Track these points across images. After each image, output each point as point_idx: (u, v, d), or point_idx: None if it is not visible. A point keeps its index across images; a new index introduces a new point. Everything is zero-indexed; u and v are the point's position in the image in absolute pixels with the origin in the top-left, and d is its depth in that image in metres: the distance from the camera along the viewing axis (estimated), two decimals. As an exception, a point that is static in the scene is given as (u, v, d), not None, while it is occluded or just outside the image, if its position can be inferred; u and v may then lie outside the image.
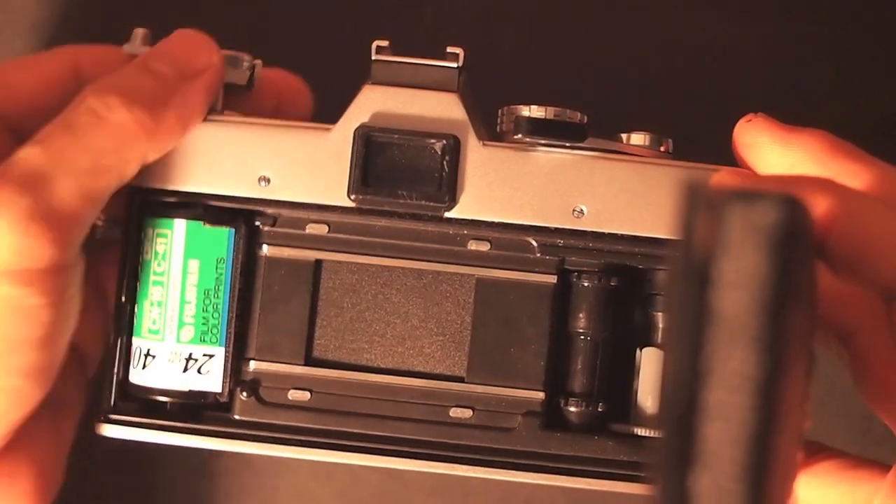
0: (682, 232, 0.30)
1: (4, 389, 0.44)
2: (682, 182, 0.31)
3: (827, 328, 0.43)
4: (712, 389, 0.29)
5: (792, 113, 0.56)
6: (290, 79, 0.51)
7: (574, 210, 0.46)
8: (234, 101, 0.48)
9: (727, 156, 0.50)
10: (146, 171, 0.46)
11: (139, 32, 0.48)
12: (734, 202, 0.29)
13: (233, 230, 0.46)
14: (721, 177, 0.45)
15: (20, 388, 0.44)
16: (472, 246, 0.46)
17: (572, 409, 0.46)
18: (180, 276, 0.46)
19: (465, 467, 0.46)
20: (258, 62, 0.47)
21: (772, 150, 0.45)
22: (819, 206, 0.38)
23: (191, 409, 0.47)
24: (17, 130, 0.47)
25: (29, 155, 0.43)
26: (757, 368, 0.29)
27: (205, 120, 0.46)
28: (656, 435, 0.30)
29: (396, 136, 0.45)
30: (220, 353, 0.46)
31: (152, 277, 0.46)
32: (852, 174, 0.43)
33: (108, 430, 0.46)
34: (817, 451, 0.44)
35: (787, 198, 0.30)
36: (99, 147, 0.44)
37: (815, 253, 0.37)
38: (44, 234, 0.43)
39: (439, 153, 0.45)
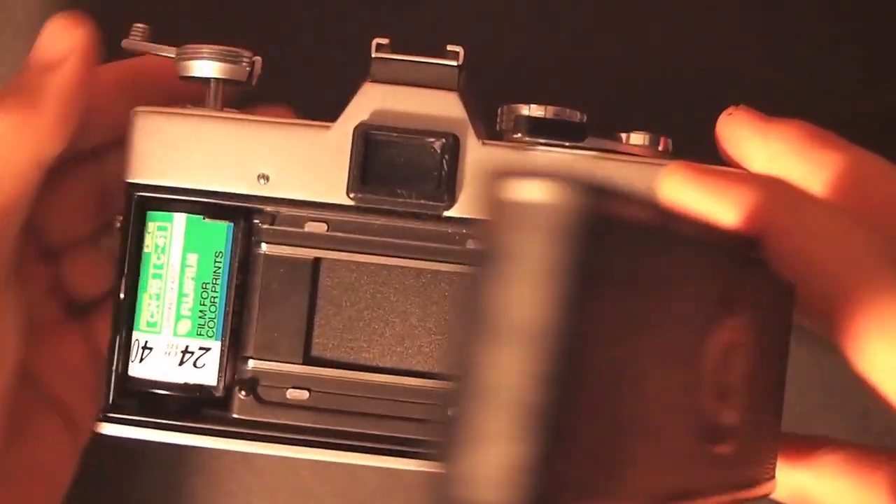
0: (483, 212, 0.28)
1: None
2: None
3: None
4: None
5: (792, 113, 0.56)
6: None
7: (573, 209, 0.46)
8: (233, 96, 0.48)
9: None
10: (145, 166, 0.46)
11: (139, 28, 0.48)
12: (506, 183, 0.28)
13: (232, 225, 0.46)
14: (670, 169, 0.41)
15: None
16: (472, 245, 0.46)
17: None
18: (179, 269, 0.46)
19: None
20: (258, 59, 0.47)
21: (752, 143, 0.44)
22: (758, 205, 0.37)
23: (189, 406, 0.46)
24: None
25: None
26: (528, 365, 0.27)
27: (204, 116, 0.46)
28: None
29: (396, 134, 0.45)
30: (216, 346, 0.46)
31: (152, 270, 0.46)
32: (831, 163, 0.42)
33: (107, 429, 0.46)
34: (823, 445, 0.44)
35: (558, 182, 0.27)
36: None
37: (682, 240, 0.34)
38: (44, 125, 0.45)
39: (438, 152, 0.45)
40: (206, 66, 0.47)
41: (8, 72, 0.58)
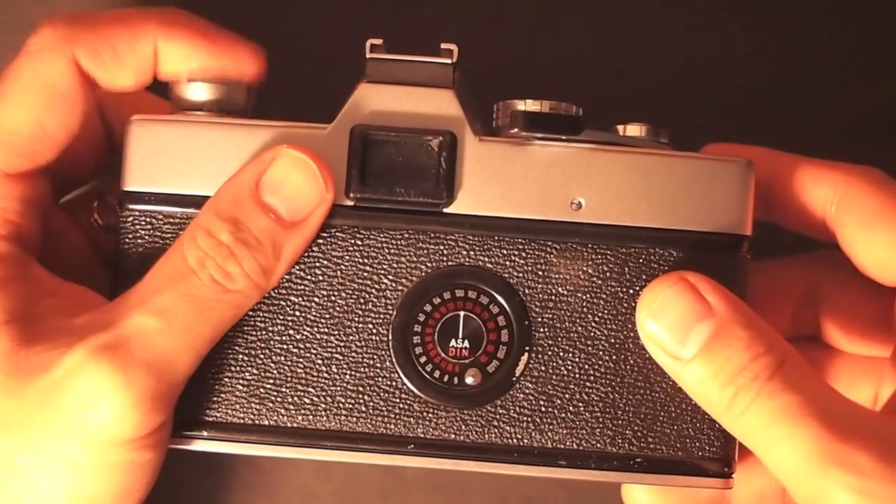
0: None
1: None
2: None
3: None
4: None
5: (792, 113, 0.56)
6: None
7: (572, 203, 0.46)
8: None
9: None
10: (142, 175, 0.46)
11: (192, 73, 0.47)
12: None
13: None
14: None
15: None
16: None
17: None
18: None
19: (468, 463, 0.46)
20: (254, 86, 0.47)
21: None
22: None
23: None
24: (51, 172, 0.47)
25: (150, 330, 0.43)
26: None
27: (201, 122, 0.46)
28: None
29: (393, 133, 0.45)
30: None
31: None
32: None
33: None
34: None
35: None
36: (220, 319, 0.44)
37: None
38: (160, 408, 0.43)
39: (436, 150, 0.45)
40: (202, 95, 0.47)
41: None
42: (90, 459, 0.43)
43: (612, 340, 0.46)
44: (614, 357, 0.46)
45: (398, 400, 0.46)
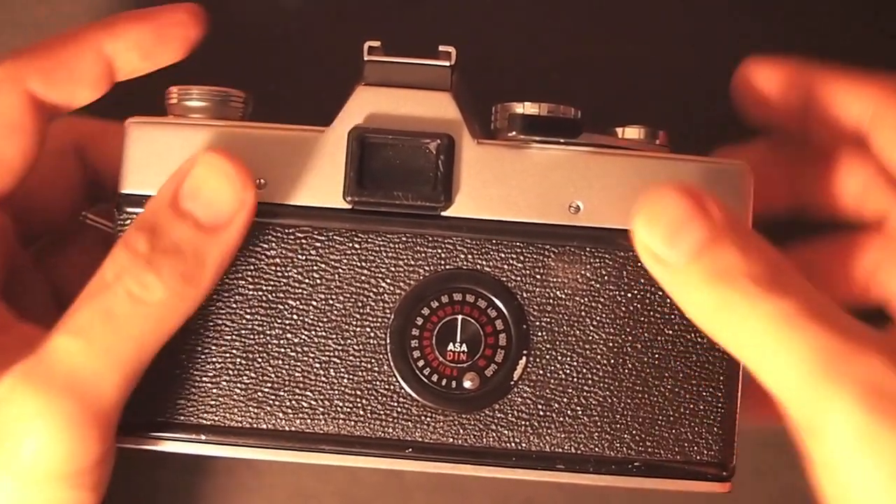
0: None
1: None
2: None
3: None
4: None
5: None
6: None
7: (570, 206, 0.46)
8: None
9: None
10: (140, 177, 0.46)
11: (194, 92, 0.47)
12: None
13: None
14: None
15: None
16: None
17: None
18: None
19: (466, 467, 0.46)
20: (248, 97, 0.47)
21: None
22: None
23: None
24: (12, 206, 0.47)
25: (69, 350, 0.41)
26: None
27: (198, 125, 0.46)
28: None
29: (391, 136, 0.45)
30: None
31: None
32: None
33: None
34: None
35: None
36: (141, 333, 0.42)
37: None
38: (92, 435, 0.42)
39: (434, 153, 0.45)
40: (198, 105, 0.47)
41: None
42: (27, 497, 0.41)
43: (610, 344, 0.46)
44: (612, 361, 0.46)
45: (396, 404, 0.46)
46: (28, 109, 0.45)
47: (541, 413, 0.46)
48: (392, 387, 0.46)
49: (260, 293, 0.46)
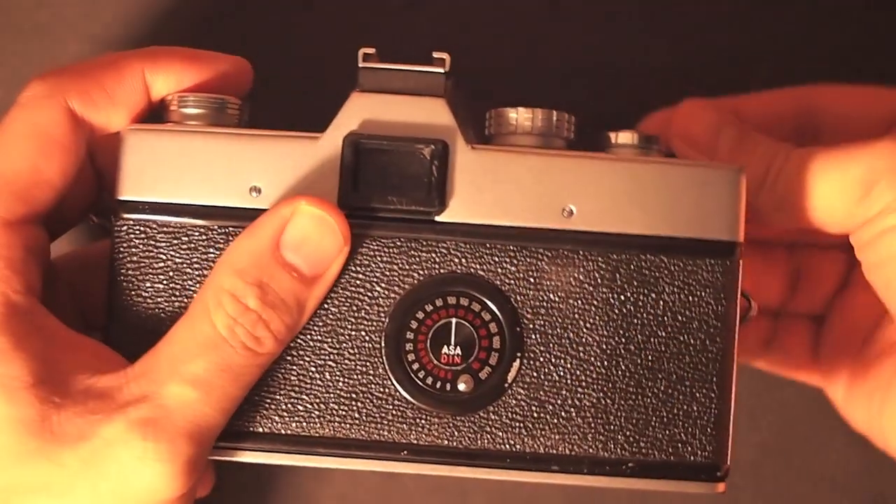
0: None
1: None
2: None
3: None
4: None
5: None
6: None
7: (564, 210, 0.46)
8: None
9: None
10: (136, 183, 0.46)
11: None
12: None
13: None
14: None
15: None
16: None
17: None
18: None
19: (461, 469, 0.46)
20: (244, 104, 0.48)
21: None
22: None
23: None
24: (48, 221, 0.47)
25: (188, 400, 0.43)
26: None
27: (194, 131, 0.46)
28: None
29: (385, 142, 0.46)
30: None
31: None
32: None
33: None
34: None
35: None
36: (252, 380, 0.45)
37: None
38: (199, 469, 0.44)
39: (428, 158, 0.46)
40: (194, 112, 0.47)
41: (8, 74, 0.58)
42: None
43: (604, 346, 0.46)
44: (606, 363, 0.46)
45: (391, 407, 0.46)
46: (69, 127, 0.46)
47: (535, 415, 0.46)
48: (387, 390, 0.46)
49: (257, 298, 0.46)
